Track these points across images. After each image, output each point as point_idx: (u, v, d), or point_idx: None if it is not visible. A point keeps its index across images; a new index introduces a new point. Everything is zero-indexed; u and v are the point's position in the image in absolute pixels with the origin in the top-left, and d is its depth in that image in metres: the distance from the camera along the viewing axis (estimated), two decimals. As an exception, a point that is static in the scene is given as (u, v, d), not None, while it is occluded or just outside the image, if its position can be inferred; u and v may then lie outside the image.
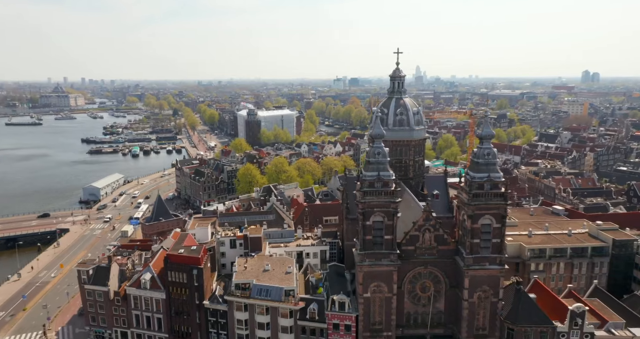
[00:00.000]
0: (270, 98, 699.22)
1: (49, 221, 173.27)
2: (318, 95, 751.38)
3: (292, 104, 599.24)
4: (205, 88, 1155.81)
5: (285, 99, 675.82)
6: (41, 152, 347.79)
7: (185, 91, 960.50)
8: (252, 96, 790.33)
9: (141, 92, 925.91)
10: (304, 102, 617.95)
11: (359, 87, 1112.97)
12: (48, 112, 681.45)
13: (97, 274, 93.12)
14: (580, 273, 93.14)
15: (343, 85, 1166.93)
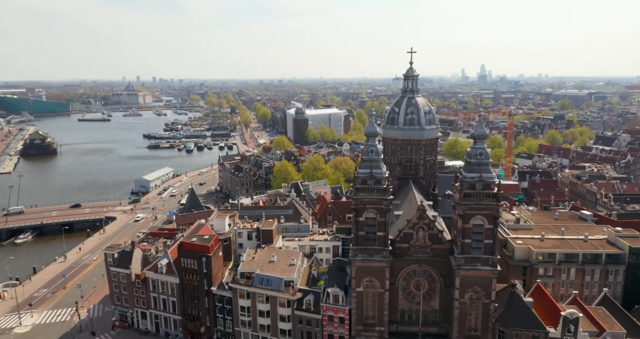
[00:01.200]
0: (326, 97, 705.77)
1: (99, 209, 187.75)
2: (374, 94, 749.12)
3: (346, 103, 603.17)
4: (265, 87, 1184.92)
5: (339, 98, 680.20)
6: (106, 147, 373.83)
7: (246, 89, 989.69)
8: (309, 94, 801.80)
9: (204, 90, 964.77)
10: (357, 101, 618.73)
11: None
12: (118, 109, 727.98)
13: (121, 258, 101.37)
14: (592, 280, 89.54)
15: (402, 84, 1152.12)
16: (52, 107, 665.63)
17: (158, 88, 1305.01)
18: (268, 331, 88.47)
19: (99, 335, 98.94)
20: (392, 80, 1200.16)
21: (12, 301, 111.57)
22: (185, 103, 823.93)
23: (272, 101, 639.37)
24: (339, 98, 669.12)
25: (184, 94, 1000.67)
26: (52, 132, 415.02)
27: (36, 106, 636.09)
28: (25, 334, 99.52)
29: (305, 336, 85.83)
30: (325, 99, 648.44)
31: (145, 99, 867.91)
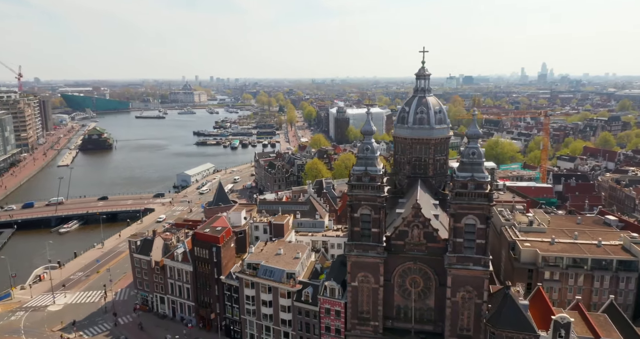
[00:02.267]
0: (374, 96, 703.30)
1: (140, 201, 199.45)
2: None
3: (395, 102, 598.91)
4: (317, 86, 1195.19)
5: (388, 97, 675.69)
6: (157, 143, 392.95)
7: (297, 89, 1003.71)
8: (358, 93, 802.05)
9: (257, 89, 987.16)
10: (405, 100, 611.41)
11: (472, 86, 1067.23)
12: (174, 107, 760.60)
13: (143, 246, 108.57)
14: (602, 287, 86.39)
15: (456, 83, 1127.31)
16: (113, 105, 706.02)
17: (214, 87, 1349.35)
18: (270, 320, 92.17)
19: (121, 317, 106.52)
20: (446, 80, 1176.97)
21: (51, 282, 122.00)
22: (237, 102, 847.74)
23: (320, 99, 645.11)
24: (387, 97, 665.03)
25: (237, 93, 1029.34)
26: (111, 129, 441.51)
27: (99, 103, 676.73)
28: (57, 312, 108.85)
29: (304, 327, 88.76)
30: (373, 99, 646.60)
31: (200, 98, 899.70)
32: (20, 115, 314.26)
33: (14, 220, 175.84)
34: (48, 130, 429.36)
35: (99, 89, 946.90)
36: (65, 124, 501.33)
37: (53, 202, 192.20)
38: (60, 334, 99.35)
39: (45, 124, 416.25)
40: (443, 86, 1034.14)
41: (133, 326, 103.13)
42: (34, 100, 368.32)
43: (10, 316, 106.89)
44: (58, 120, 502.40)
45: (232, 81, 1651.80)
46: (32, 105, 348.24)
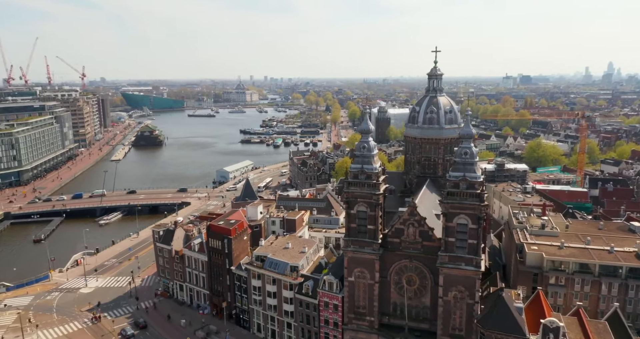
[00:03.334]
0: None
1: (179, 195, 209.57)
2: (476, 93, 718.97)
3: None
4: (368, 86, 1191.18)
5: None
6: (205, 141, 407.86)
7: (348, 88, 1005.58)
8: (407, 93, 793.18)
9: (307, 89, 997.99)
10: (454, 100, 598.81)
11: (530, 85, 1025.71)
12: (225, 106, 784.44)
13: (165, 236, 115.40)
14: (609, 294, 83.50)
15: (512, 83, 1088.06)
16: (169, 104, 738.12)
17: (267, 87, 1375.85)
18: (275, 311, 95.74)
19: (142, 301, 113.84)
20: (502, 79, 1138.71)
21: (86, 267, 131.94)
22: (287, 101, 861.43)
23: (367, 99, 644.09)
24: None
25: (288, 92, 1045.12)
26: (164, 126, 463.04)
27: (156, 102, 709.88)
28: (87, 294, 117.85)
29: (305, 318, 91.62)
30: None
31: (252, 97, 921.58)
32: (79, 112, 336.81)
33: (63, 209, 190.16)
34: (106, 127, 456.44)
35: (158, 89, 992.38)
36: (123, 121, 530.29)
37: (97, 194, 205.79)
38: (93, 312, 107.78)
39: (103, 120, 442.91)
40: (498, 86, 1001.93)
41: (152, 310, 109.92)
42: (92, 98, 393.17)
43: (46, 295, 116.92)
44: (116, 117, 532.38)
45: (285, 81, 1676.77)
46: (90, 103, 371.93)
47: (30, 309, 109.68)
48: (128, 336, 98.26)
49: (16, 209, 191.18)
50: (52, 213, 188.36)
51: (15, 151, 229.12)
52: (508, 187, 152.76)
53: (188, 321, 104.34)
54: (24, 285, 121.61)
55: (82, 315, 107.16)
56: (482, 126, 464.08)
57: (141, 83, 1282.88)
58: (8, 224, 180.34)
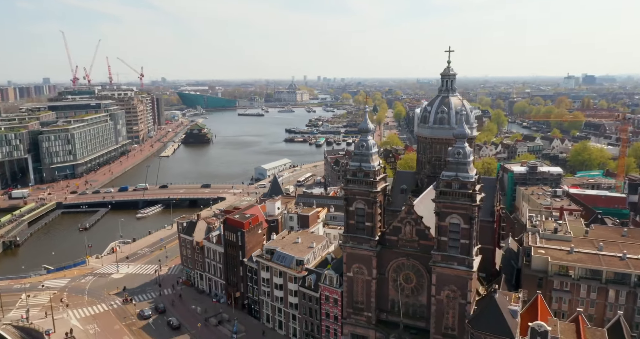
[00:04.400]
0: (476, 97, 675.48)
1: (215, 190, 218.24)
2: (532, 94, 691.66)
3: (495, 103, 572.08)
4: (420, 86, 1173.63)
5: (490, 97, 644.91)
6: (250, 139, 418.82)
7: (400, 88, 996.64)
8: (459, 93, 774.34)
9: (357, 89, 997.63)
10: (507, 101, 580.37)
11: (593, 86, 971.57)
12: (275, 105, 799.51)
13: (188, 227, 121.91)
14: (617, 303, 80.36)
15: (574, 83, 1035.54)
16: (222, 103, 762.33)
17: (319, 87, 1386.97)
18: (281, 303, 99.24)
19: (165, 288, 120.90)
20: (563, 79, 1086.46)
21: (120, 255, 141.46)
22: (336, 101, 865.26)
23: (416, 99, 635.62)
24: (488, 98, 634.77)
25: (338, 92, 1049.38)
26: (214, 124, 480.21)
27: (209, 101, 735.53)
28: (117, 279, 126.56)
29: (308, 311, 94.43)
30: (475, 99, 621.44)
31: (302, 97, 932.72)
32: (133, 110, 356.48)
33: (109, 201, 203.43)
34: (160, 124, 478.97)
35: (214, 88, 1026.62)
36: (176, 120, 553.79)
37: (140, 188, 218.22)
38: (125, 295, 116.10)
39: (158, 118, 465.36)
40: (559, 86, 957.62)
41: (173, 296, 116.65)
42: (147, 97, 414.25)
43: (81, 279, 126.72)
44: (171, 115, 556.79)
45: (337, 81, 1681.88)
46: (144, 102, 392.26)
47: (65, 290, 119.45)
48: (145, 317, 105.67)
49: (68, 199, 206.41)
50: (99, 204, 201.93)
51: (70, 145, 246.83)
52: (538, 191, 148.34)
53: (204, 308, 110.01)
54: (63, 268, 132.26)
55: (110, 298, 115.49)
56: (533, 127, 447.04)
57: (199, 83, 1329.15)
58: (59, 213, 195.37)
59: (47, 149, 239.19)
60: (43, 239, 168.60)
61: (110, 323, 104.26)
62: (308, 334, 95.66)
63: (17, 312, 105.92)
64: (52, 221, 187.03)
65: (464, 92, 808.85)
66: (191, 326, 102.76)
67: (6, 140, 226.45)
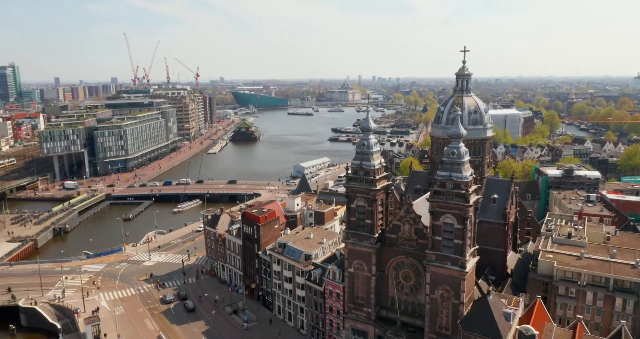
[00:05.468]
0: (534, 97, 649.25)
1: (252, 186, 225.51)
2: (595, 95, 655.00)
3: (554, 105, 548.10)
4: (477, 85, 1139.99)
5: (548, 98, 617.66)
6: (296, 138, 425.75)
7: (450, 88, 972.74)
8: (517, 94, 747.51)
9: (410, 89, 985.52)
10: (566, 102, 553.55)
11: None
12: (326, 105, 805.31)
13: (212, 220, 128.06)
14: (623, 312, 77.36)
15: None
16: (273, 102, 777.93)
17: (373, 86, 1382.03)
18: (290, 295, 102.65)
19: (189, 277, 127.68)
20: (633, 79, 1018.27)
21: (155, 244, 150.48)
22: (388, 101, 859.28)
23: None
24: (545, 98, 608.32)
25: (391, 92, 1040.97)
26: (263, 123, 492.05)
27: (262, 100, 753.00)
28: (148, 266, 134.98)
29: (314, 304, 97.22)
30: (532, 101, 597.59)
31: (354, 97, 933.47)
32: (184, 109, 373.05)
33: (153, 194, 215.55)
34: (212, 122, 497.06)
35: (268, 88, 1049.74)
36: (228, 118, 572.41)
37: (182, 182, 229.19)
38: (158, 280, 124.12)
39: (209, 117, 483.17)
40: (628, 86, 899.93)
41: (195, 285, 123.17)
42: (199, 96, 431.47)
43: (115, 265, 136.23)
44: (223, 114, 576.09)
45: (392, 81, 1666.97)
46: (196, 100, 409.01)
47: (100, 274, 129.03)
48: (167, 302, 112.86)
49: (116, 191, 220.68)
50: (144, 197, 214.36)
51: (123, 141, 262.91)
52: (571, 195, 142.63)
53: (222, 297, 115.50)
54: (101, 254, 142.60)
55: (139, 284, 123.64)
56: (591, 130, 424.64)
57: (255, 83, 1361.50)
58: (108, 204, 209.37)
59: (102, 144, 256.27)
60: (90, 227, 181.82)
61: (135, 306, 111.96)
62: (314, 327, 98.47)
63: (55, 292, 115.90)
64: (100, 211, 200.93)
65: (522, 92, 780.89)
66: (207, 313, 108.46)
67: (65, 135, 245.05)
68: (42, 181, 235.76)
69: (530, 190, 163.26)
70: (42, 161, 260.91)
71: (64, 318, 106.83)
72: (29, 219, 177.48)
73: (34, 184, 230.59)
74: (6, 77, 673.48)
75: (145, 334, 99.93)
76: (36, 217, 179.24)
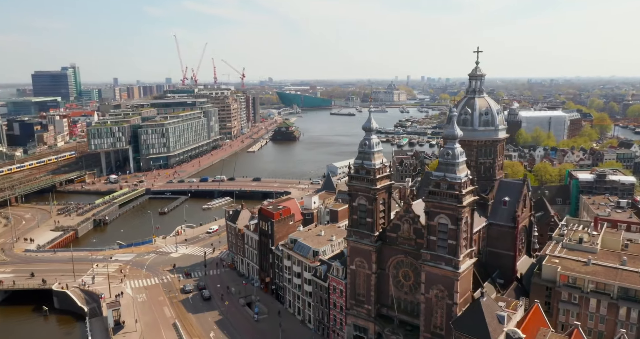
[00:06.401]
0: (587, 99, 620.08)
1: (284, 184, 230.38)
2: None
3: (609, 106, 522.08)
4: (529, 86, 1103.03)
5: (602, 99, 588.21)
6: (335, 138, 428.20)
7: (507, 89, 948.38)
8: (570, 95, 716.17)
9: (458, 89, 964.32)
10: (622, 104, 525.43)
11: None
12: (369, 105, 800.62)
13: (233, 215, 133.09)
14: (628, 321, 74.81)
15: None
16: (317, 102, 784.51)
17: (421, 87, 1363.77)
18: (299, 290, 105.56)
19: (210, 269, 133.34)
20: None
21: (183, 237, 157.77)
22: (434, 101, 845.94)
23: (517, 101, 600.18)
24: (601, 100, 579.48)
25: (438, 92, 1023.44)
26: (305, 123, 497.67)
27: (306, 100, 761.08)
28: (174, 258, 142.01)
29: (319, 300, 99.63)
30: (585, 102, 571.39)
31: (399, 97, 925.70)
32: (227, 108, 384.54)
33: (189, 189, 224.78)
34: (255, 122, 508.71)
35: (314, 88, 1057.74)
36: (272, 117, 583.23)
37: (217, 179, 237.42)
38: (185, 270, 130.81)
39: (253, 116, 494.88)
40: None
41: (215, 277, 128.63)
42: (241, 96, 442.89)
43: (144, 255, 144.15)
44: (267, 113, 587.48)
45: (441, 81, 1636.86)
46: (238, 100, 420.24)
47: (129, 263, 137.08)
48: (186, 291, 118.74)
49: (155, 186, 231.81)
50: (181, 192, 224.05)
51: (165, 139, 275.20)
52: (601, 200, 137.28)
53: (237, 289, 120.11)
54: (132, 245, 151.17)
55: (163, 273, 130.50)
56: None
57: (303, 83, 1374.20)
58: (147, 198, 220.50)
59: (145, 141, 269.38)
60: (128, 219, 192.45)
61: (157, 294, 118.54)
62: (320, 322, 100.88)
63: (86, 278, 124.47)
64: (139, 205, 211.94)
65: (576, 93, 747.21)
66: (222, 304, 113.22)
67: (111, 132, 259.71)
68: (89, 175, 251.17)
69: (560, 194, 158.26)
70: (91, 156, 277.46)
71: (91, 302, 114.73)
72: (74, 210, 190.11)
73: (81, 178, 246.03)
74: (67, 77, 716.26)
75: (162, 321, 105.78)
76: (80, 209, 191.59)
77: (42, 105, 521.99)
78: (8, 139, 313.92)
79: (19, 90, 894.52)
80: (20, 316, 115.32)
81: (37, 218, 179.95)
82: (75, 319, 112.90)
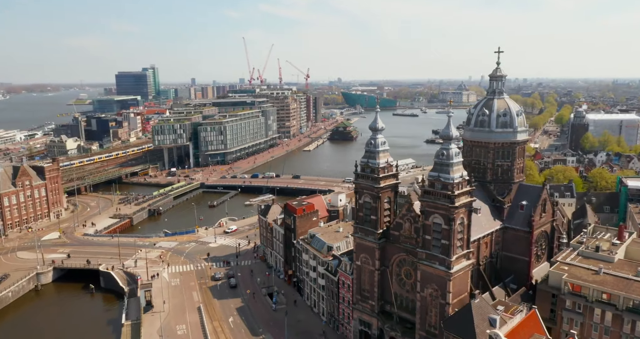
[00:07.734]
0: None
1: (329, 183, 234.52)
2: None
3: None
4: (614, 88, 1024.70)
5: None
6: (393, 140, 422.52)
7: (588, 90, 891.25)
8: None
9: (531, 91, 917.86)
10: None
11: None
12: (436, 106, 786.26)
13: (265, 210, 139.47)
14: (633, 334, 71.21)
15: None
16: (382, 103, 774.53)
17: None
18: (315, 283, 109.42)
19: (242, 260, 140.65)
20: None
21: (223, 229, 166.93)
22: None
23: (594, 103, 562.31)
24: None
25: (511, 93, 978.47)
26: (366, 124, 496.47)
27: (370, 101, 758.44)
28: (212, 248, 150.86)
29: (330, 293, 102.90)
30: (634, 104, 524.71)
31: (469, 98, 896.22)
32: (286, 108, 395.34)
33: (240, 185, 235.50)
34: (316, 121, 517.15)
35: (382, 88, 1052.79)
36: (334, 117, 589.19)
37: (267, 176, 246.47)
38: (223, 260, 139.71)
39: (313, 116, 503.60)
40: None
41: (245, 268, 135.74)
42: (302, 96, 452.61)
43: (186, 244, 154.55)
44: (329, 113, 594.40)
45: (519, 81, 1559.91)
46: (298, 100, 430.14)
47: (170, 251, 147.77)
48: (216, 279, 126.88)
49: (209, 181, 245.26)
50: (232, 187, 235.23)
51: (223, 136, 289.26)
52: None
53: (262, 280, 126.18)
54: (176, 234, 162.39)
55: (199, 261, 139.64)
56: None
57: (372, 83, 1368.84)
58: (201, 191, 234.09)
59: (204, 138, 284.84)
60: (179, 210, 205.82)
61: (189, 279, 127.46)
62: (331, 315, 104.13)
63: (129, 262, 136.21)
64: (192, 197, 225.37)
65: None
66: (246, 292, 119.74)
67: (173, 129, 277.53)
68: (152, 169, 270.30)
69: (609, 202, 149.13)
70: (155, 151, 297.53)
71: (132, 283, 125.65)
72: (133, 200, 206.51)
73: (145, 171, 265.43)
74: (146, 77, 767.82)
75: (189, 304, 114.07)
76: (138, 199, 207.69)
77: (123, 103, 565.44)
78: (86, 134, 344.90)
79: (105, 89, 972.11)
80: (71, 292, 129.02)
81: (100, 206, 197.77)
82: (117, 298, 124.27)
